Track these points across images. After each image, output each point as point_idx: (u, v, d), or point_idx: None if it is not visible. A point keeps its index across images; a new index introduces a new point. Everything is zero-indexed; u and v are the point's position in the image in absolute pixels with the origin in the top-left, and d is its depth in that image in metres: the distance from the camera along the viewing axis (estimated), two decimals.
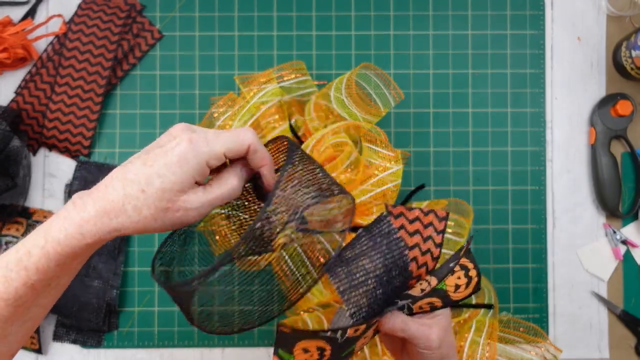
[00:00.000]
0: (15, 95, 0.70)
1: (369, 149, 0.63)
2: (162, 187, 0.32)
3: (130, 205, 0.32)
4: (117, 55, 0.70)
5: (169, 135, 0.35)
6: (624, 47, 0.69)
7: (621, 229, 0.70)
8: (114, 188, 0.33)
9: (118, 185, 0.33)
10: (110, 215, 0.32)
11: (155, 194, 0.32)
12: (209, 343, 0.69)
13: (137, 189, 0.32)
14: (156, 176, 0.32)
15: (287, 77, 0.66)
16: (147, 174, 0.32)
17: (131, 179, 0.33)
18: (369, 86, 0.67)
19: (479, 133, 0.71)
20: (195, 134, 0.34)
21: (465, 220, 0.63)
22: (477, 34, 0.72)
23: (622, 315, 0.69)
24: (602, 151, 0.69)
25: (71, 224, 0.33)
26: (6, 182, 0.65)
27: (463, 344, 0.59)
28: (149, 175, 0.32)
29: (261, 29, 0.72)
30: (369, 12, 0.72)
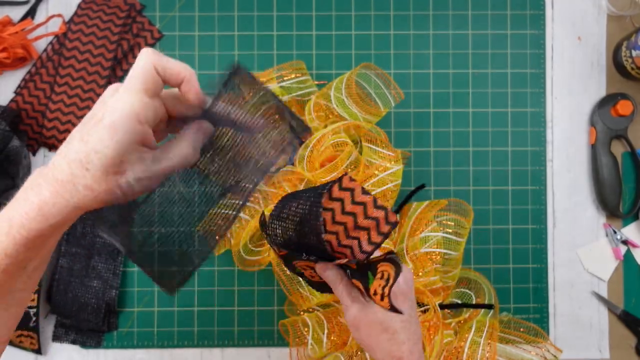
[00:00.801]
0: (15, 95, 0.70)
1: (369, 149, 0.63)
2: (102, 163, 0.31)
3: (80, 185, 0.31)
4: (117, 55, 0.69)
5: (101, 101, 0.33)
6: (624, 47, 0.68)
7: (621, 229, 0.70)
8: (61, 168, 0.32)
9: (64, 165, 0.32)
10: (65, 196, 0.32)
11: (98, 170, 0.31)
12: (208, 343, 0.69)
13: (81, 167, 0.31)
14: (94, 153, 0.31)
15: (287, 77, 0.66)
16: (85, 151, 0.31)
17: (73, 158, 0.31)
18: (369, 86, 0.67)
19: (479, 133, 0.71)
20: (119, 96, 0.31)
21: (465, 220, 0.63)
22: (478, 34, 0.72)
23: (622, 315, 0.69)
24: (602, 151, 0.69)
25: (31, 208, 0.32)
26: (6, 182, 0.65)
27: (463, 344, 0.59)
28: (87, 153, 0.31)
29: (261, 29, 0.72)
30: (369, 12, 0.72)
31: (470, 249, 0.70)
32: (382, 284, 0.40)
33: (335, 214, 0.43)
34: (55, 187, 0.32)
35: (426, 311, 0.60)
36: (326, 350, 0.61)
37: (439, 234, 0.62)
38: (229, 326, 0.69)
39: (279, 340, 0.69)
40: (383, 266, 0.41)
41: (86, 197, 0.32)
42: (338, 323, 0.62)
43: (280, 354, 0.70)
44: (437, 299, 0.62)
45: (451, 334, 0.61)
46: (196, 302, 0.70)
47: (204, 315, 0.69)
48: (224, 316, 0.70)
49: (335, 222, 0.44)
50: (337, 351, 0.59)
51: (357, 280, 0.43)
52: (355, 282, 0.43)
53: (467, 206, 0.64)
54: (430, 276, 0.59)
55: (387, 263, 0.40)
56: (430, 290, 0.61)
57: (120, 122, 0.31)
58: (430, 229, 0.61)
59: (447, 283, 0.62)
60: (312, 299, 0.62)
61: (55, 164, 0.32)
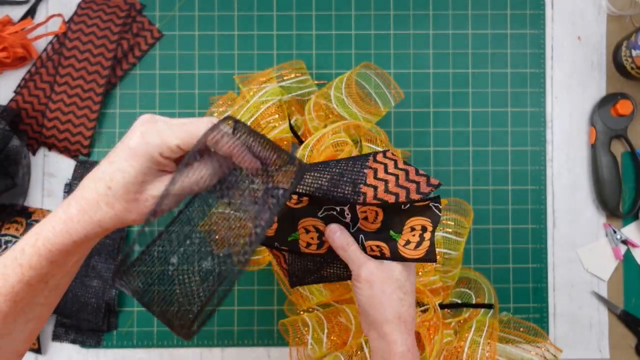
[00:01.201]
0: (15, 94, 0.70)
1: (369, 149, 0.63)
2: (124, 181, 0.34)
3: (102, 202, 0.34)
4: (117, 55, 0.69)
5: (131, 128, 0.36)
6: (624, 47, 0.68)
7: (621, 229, 0.70)
8: (89, 187, 0.35)
9: (91, 185, 0.35)
10: (89, 213, 0.35)
11: (120, 189, 0.34)
12: (208, 343, 0.69)
13: (105, 186, 0.34)
14: (118, 172, 0.34)
15: (287, 77, 0.66)
16: (110, 171, 0.34)
17: (100, 177, 0.35)
18: (369, 85, 0.67)
19: (479, 132, 0.71)
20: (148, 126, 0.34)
21: (465, 220, 0.63)
22: (477, 34, 0.72)
23: (622, 315, 0.69)
24: (602, 151, 0.69)
25: (58, 222, 0.35)
26: (6, 181, 0.65)
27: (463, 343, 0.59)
28: (112, 172, 0.34)
29: (261, 29, 0.72)
30: (369, 12, 0.72)
31: (470, 249, 0.70)
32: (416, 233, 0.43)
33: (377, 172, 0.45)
34: (81, 205, 0.35)
35: (426, 311, 0.60)
36: (326, 350, 0.61)
37: (439, 233, 0.62)
38: (228, 326, 0.69)
39: (279, 340, 0.69)
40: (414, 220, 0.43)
41: (107, 214, 0.35)
42: (338, 323, 0.62)
43: (280, 354, 0.70)
44: (437, 298, 0.62)
45: (451, 333, 0.61)
46: None
47: None
48: (224, 316, 0.70)
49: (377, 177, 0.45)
50: (337, 351, 0.59)
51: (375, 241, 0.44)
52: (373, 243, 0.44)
53: (467, 206, 0.64)
54: (430, 276, 0.59)
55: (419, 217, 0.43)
56: (430, 290, 0.61)
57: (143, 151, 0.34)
58: None
59: (447, 283, 0.62)
60: (312, 298, 0.62)
61: (84, 185, 0.35)
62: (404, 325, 0.43)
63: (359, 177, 0.44)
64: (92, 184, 0.35)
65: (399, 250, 0.44)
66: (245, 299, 0.70)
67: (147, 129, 0.34)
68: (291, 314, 0.66)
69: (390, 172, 0.45)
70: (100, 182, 0.34)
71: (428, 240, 0.43)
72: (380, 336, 0.43)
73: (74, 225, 0.35)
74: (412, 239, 0.44)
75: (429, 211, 0.45)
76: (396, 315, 0.43)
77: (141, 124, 0.35)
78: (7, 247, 0.66)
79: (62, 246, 0.35)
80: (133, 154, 0.34)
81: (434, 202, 0.45)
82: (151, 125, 0.35)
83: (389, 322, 0.43)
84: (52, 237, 0.35)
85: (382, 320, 0.43)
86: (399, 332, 0.43)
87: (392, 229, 0.45)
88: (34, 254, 0.35)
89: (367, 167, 0.45)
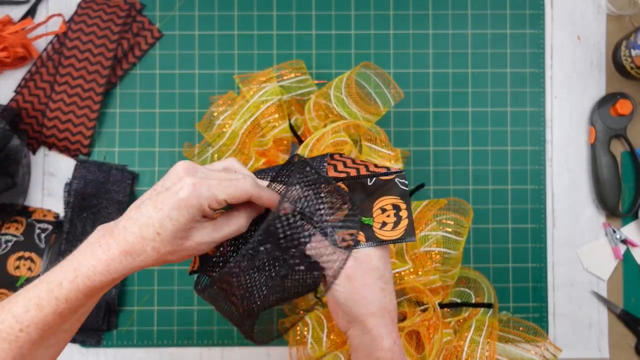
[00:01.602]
0: (15, 94, 0.70)
1: (369, 148, 0.63)
2: (174, 228, 0.36)
3: (149, 246, 0.36)
4: (117, 54, 0.70)
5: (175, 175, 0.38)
6: (623, 47, 0.69)
7: (621, 229, 0.70)
8: (132, 231, 0.36)
9: (135, 229, 0.36)
10: (132, 255, 0.36)
11: (169, 235, 0.36)
12: (208, 342, 0.69)
13: (153, 231, 0.36)
14: (168, 219, 0.36)
15: (286, 76, 0.66)
16: (159, 217, 0.36)
17: (145, 222, 0.36)
18: (369, 85, 0.67)
19: (479, 132, 0.71)
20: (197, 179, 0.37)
21: (465, 219, 0.63)
22: (477, 33, 0.72)
23: (622, 314, 0.69)
24: (602, 150, 0.69)
25: (99, 263, 0.36)
26: (6, 181, 0.65)
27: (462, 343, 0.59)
28: (161, 219, 0.36)
29: (261, 28, 0.72)
30: (369, 11, 0.72)
31: (469, 248, 0.70)
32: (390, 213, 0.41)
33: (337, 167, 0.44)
34: (124, 247, 0.36)
35: (426, 310, 0.60)
36: (326, 349, 0.61)
37: (439, 233, 0.62)
38: (228, 325, 0.69)
39: (279, 340, 0.69)
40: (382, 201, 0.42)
41: (151, 257, 0.37)
42: None
43: (280, 353, 0.70)
44: (437, 298, 0.62)
45: (451, 333, 0.61)
46: (196, 301, 0.70)
47: (204, 315, 0.69)
48: None
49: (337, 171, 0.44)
50: (337, 350, 0.59)
51: None
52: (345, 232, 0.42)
53: (467, 205, 0.64)
54: (430, 275, 0.59)
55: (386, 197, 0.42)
56: (429, 290, 0.61)
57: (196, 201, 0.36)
58: (430, 228, 0.61)
59: (447, 282, 0.62)
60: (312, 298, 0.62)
61: (126, 228, 0.37)
62: (388, 317, 0.42)
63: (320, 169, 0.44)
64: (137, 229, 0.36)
65: (376, 234, 0.43)
66: None
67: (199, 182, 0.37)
68: (291, 313, 0.66)
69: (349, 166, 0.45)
70: (147, 228, 0.36)
71: (406, 218, 0.42)
72: (365, 331, 0.41)
73: (115, 266, 0.36)
74: (388, 219, 0.43)
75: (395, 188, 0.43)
76: (380, 306, 0.41)
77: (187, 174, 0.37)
78: (7, 246, 0.66)
79: (100, 284, 0.37)
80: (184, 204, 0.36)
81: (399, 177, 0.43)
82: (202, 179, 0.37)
83: (374, 315, 0.41)
84: (92, 275, 0.36)
85: (366, 315, 0.41)
86: (384, 325, 0.41)
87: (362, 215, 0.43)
88: (72, 289, 0.36)
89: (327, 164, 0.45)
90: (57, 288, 0.36)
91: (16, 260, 0.65)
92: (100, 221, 0.69)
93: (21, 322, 0.36)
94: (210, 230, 0.38)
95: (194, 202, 0.36)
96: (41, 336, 0.37)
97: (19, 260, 0.65)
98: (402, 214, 0.43)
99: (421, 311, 0.60)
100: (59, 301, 0.36)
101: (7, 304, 0.37)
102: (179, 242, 0.37)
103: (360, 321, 0.41)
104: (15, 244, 0.66)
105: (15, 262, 0.65)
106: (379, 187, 0.44)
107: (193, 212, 0.36)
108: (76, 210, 0.68)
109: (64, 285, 0.36)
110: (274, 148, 0.65)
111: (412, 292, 0.61)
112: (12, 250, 0.65)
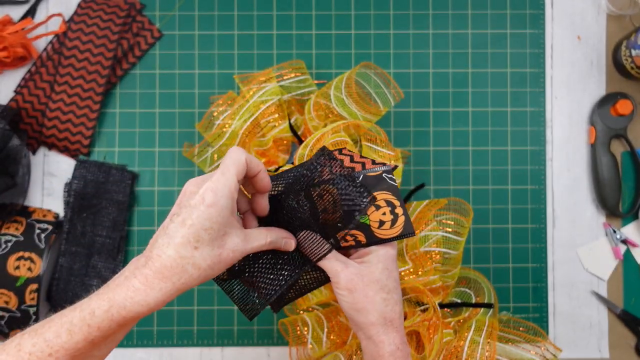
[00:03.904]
0: (15, 94, 0.70)
1: (369, 148, 0.63)
2: (211, 238, 0.36)
3: (189, 264, 0.36)
4: (117, 54, 0.70)
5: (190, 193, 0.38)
6: (624, 46, 0.68)
7: (621, 229, 0.70)
8: (168, 255, 0.36)
9: (171, 251, 0.36)
10: (172, 279, 0.36)
11: (207, 246, 0.36)
12: (208, 342, 0.69)
13: (190, 248, 0.36)
14: (202, 231, 0.36)
15: (286, 76, 0.66)
16: (192, 232, 0.36)
17: (180, 242, 0.36)
18: (369, 85, 0.67)
19: (479, 132, 0.71)
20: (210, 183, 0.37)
21: (465, 219, 0.63)
22: (477, 33, 0.72)
23: (622, 314, 0.69)
24: (602, 150, 0.69)
25: (137, 294, 0.36)
26: (6, 181, 0.65)
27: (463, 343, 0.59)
28: (195, 232, 0.36)
29: (261, 28, 0.72)
30: (369, 11, 0.72)
31: (469, 248, 0.70)
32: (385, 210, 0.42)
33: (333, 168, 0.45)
34: (163, 273, 0.36)
35: (426, 310, 0.60)
36: (326, 349, 0.61)
37: (439, 233, 0.62)
38: (228, 325, 0.69)
39: (279, 340, 0.69)
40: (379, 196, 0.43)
41: (192, 275, 0.36)
42: (338, 322, 0.62)
43: (280, 353, 0.70)
44: (437, 298, 0.62)
45: (451, 333, 0.61)
46: (196, 301, 0.70)
47: (204, 314, 0.69)
48: (224, 315, 0.70)
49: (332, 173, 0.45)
50: (337, 350, 0.59)
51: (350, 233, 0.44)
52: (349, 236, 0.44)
53: (467, 205, 0.64)
54: (430, 275, 0.59)
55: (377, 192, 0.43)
56: (429, 290, 0.61)
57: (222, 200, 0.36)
58: (430, 228, 0.61)
59: (447, 282, 0.62)
60: (312, 298, 0.62)
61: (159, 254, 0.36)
62: (390, 325, 0.43)
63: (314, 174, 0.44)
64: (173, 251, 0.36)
65: (375, 233, 0.44)
66: None
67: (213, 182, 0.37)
68: (291, 313, 0.66)
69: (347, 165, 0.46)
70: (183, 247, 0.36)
71: (402, 215, 0.43)
72: (368, 337, 0.43)
73: (154, 294, 0.36)
74: (385, 217, 0.43)
75: (384, 183, 0.44)
76: (381, 316, 0.43)
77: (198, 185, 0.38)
78: (6, 247, 0.66)
79: (136, 314, 0.36)
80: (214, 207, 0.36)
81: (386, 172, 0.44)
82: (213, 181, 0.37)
83: (374, 325, 0.43)
84: (129, 306, 0.36)
85: (367, 324, 0.43)
86: (385, 333, 0.43)
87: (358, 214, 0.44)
88: (106, 319, 0.36)
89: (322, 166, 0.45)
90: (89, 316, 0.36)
91: (16, 260, 0.65)
92: (100, 221, 0.69)
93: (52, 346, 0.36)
94: (242, 239, 0.39)
95: (219, 199, 0.36)
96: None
97: (19, 260, 0.65)
98: (398, 211, 0.44)
99: (421, 311, 0.60)
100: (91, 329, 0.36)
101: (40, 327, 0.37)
102: (217, 252, 0.37)
103: (363, 328, 0.43)
104: (15, 244, 0.66)
105: (15, 262, 0.65)
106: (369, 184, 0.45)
107: (225, 213, 0.37)
108: (76, 210, 0.68)
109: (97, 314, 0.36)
110: (274, 148, 0.65)
111: (412, 292, 0.61)
112: (12, 251, 0.65)
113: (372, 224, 0.44)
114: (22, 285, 0.65)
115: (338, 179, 0.41)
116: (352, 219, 0.41)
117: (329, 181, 0.41)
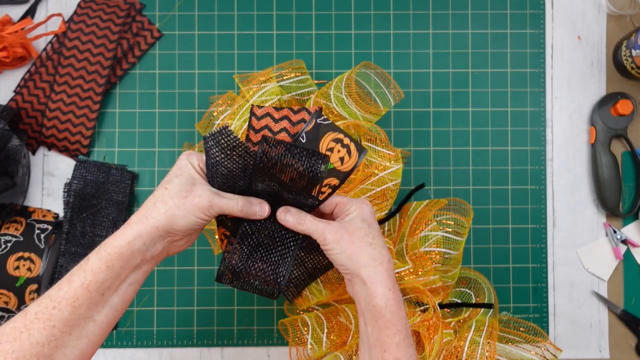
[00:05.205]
0: (15, 94, 0.70)
1: (369, 148, 0.63)
2: (179, 182, 0.44)
3: (158, 201, 0.43)
4: (117, 54, 0.69)
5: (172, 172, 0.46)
6: (624, 46, 0.68)
7: (621, 229, 0.70)
8: (146, 202, 0.44)
9: (149, 200, 0.44)
10: (146, 215, 0.43)
11: (175, 187, 0.44)
12: (208, 342, 0.69)
13: (162, 189, 0.44)
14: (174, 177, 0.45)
15: (286, 76, 0.66)
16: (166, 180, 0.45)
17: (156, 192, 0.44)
18: (369, 85, 0.67)
19: (479, 132, 0.71)
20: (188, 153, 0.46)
21: (465, 219, 0.63)
22: (477, 33, 0.72)
23: (622, 314, 0.69)
24: (602, 150, 0.69)
25: (119, 232, 0.43)
26: (5, 181, 0.65)
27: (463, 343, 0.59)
28: (168, 179, 0.45)
29: (260, 28, 0.72)
30: (369, 11, 0.72)
31: (470, 249, 0.70)
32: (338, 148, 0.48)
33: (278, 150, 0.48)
34: (139, 212, 0.44)
35: (426, 310, 0.60)
36: (326, 350, 0.61)
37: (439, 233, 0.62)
38: (228, 325, 0.69)
39: (279, 340, 0.69)
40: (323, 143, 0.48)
41: (159, 211, 0.43)
42: (338, 322, 0.62)
43: (279, 354, 0.70)
44: (437, 298, 0.62)
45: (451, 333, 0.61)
46: (196, 301, 0.70)
47: (204, 315, 0.69)
48: (224, 315, 0.69)
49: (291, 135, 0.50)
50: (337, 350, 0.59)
51: None
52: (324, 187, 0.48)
53: (467, 205, 0.64)
54: (430, 275, 0.59)
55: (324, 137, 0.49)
56: (429, 290, 0.61)
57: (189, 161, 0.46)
58: (430, 228, 0.61)
59: (447, 282, 0.62)
60: (312, 298, 0.61)
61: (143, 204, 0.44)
62: (381, 267, 0.45)
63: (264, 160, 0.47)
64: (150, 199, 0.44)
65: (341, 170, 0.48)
66: (245, 298, 0.70)
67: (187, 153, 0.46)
68: (291, 313, 0.66)
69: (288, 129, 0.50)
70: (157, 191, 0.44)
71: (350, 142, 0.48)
72: (362, 283, 0.45)
73: (130, 228, 0.42)
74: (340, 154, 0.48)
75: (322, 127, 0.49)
76: (371, 258, 0.46)
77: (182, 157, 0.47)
78: (6, 247, 0.66)
79: (118, 249, 0.42)
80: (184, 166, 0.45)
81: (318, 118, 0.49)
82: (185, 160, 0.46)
83: (365, 267, 0.45)
84: (112, 242, 0.42)
85: (359, 267, 0.45)
86: (375, 274, 0.45)
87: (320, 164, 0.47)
88: (96, 260, 0.41)
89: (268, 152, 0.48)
90: (84, 262, 0.42)
91: (16, 260, 0.65)
92: (100, 221, 0.69)
93: (54, 299, 0.40)
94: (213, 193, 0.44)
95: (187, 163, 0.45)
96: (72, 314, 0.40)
97: (19, 260, 0.65)
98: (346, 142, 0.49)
99: (421, 311, 0.60)
100: (85, 272, 0.41)
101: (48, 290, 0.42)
102: (184, 194, 0.43)
103: (357, 275, 0.46)
104: (15, 244, 0.65)
105: (15, 262, 0.65)
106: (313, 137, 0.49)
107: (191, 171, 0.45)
108: (76, 210, 0.68)
109: (90, 258, 0.42)
110: None
111: (412, 293, 0.61)
112: (12, 251, 0.65)
113: (335, 164, 0.48)
114: (21, 286, 0.65)
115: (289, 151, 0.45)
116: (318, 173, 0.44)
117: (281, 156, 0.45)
